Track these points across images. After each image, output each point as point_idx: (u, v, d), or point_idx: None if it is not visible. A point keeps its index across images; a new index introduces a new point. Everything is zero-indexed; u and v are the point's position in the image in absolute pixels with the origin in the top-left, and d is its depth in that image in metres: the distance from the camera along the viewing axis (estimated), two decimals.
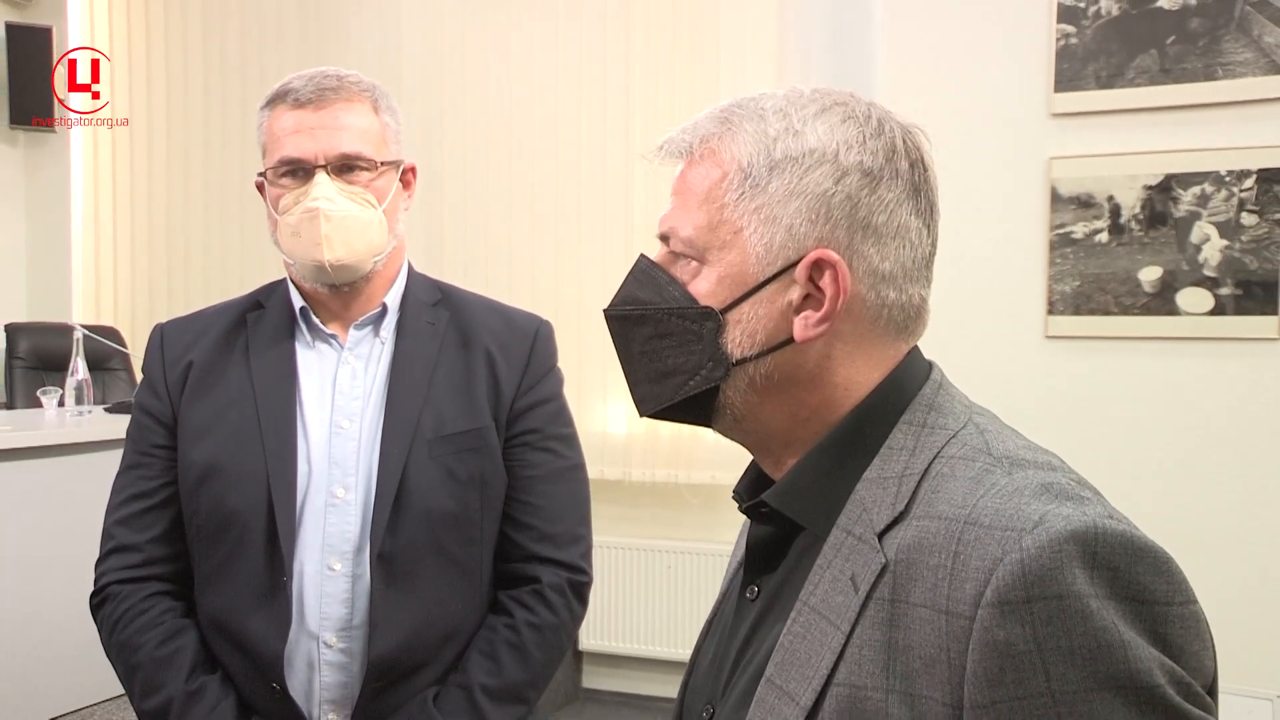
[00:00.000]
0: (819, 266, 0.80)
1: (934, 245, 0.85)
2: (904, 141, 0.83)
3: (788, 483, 0.85)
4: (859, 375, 0.83)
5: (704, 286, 0.84)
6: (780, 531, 0.86)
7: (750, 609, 0.88)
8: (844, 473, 0.82)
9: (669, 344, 0.85)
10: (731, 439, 0.90)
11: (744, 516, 0.95)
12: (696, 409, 0.87)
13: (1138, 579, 0.68)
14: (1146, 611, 0.68)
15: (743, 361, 0.83)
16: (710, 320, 0.83)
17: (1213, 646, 0.72)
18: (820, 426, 0.84)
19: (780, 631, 0.80)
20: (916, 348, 0.87)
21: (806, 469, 0.84)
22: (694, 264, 0.84)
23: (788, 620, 0.80)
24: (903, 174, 0.82)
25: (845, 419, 0.83)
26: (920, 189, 0.84)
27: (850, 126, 0.82)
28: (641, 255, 0.90)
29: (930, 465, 0.79)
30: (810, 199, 0.80)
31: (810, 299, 0.81)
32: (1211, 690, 0.71)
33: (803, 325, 0.81)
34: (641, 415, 0.91)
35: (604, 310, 0.92)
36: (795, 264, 0.81)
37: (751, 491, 0.91)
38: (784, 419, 0.85)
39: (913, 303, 0.84)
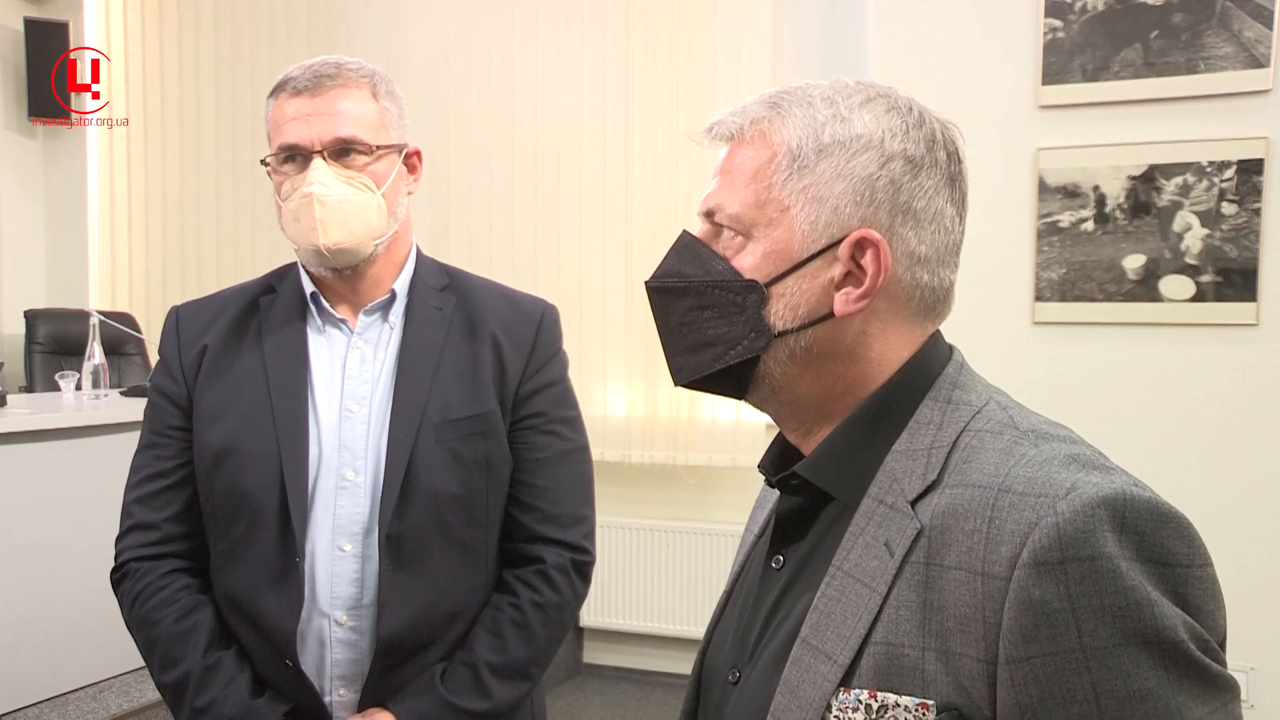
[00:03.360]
0: (861, 246, 0.84)
1: (963, 233, 0.89)
2: (942, 134, 0.88)
3: (820, 455, 0.88)
4: (890, 352, 0.87)
5: (748, 261, 0.87)
6: (808, 503, 0.89)
7: (777, 577, 0.90)
8: (874, 445, 0.86)
9: (711, 315, 0.88)
10: (764, 410, 0.93)
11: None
12: (733, 379, 0.89)
13: (1162, 543, 0.72)
14: (1169, 573, 0.72)
15: (784, 333, 0.86)
16: (754, 293, 0.86)
17: (1224, 606, 0.76)
18: (852, 400, 0.88)
19: (812, 596, 0.83)
20: (938, 330, 0.91)
21: (838, 441, 0.87)
22: (739, 239, 0.88)
23: (821, 585, 0.83)
24: (941, 164, 0.87)
25: (876, 394, 0.87)
26: (955, 179, 0.88)
27: (894, 116, 0.86)
28: (684, 231, 0.93)
29: (958, 438, 0.82)
30: (856, 181, 0.84)
31: (850, 276, 0.85)
32: (1222, 645, 0.75)
33: (843, 301, 0.85)
34: (677, 384, 0.93)
35: (645, 282, 0.95)
36: (838, 242, 0.84)
37: (777, 465, 0.95)
38: (819, 391, 0.88)
39: (943, 286, 0.88)
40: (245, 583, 1.47)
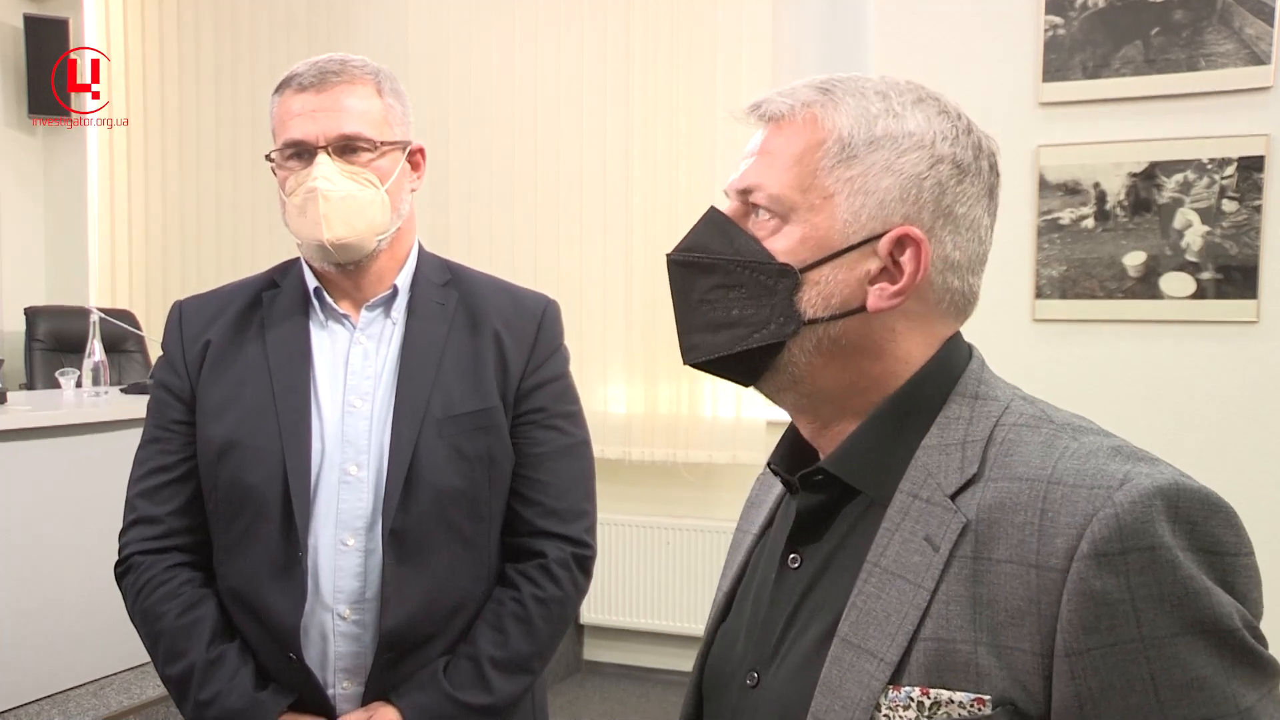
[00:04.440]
0: (901, 243, 0.84)
1: (990, 245, 0.89)
2: (986, 145, 0.88)
3: (846, 450, 0.87)
4: (916, 351, 0.87)
5: (783, 244, 0.85)
6: (829, 500, 0.88)
7: (795, 576, 0.89)
8: (902, 440, 0.85)
9: (737, 295, 0.87)
10: (778, 401, 0.92)
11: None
12: (749, 364, 0.88)
13: (1212, 532, 0.74)
14: (1219, 562, 0.73)
15: (813, 322, 0.85)
16: (788, 277, 0.85)
17: (1263, 593, 0.77)
18: (876, 396, 0.87)
19: (842, 594, 0.83)
20: (959, 332, 0.90)
21: (865, 436, 0.86)
22: (774, 221, 0.86)
23: (857, 582, 0.82)
24: (984, 173, 0.87)
25: (902, 389, 0.86)
26: (993, 191, 0.88)
27: (944, 120, 0.86)
28: (712, 207, 0.91)
29: (992, 432, 0.82)
30: (904, 178, 0.84)
31: (885, 272, 0.84)
32: None
33: (877, 295, 0.84)
34: (687, 363, 0.91)
35: (668, 255, 0.92)
36: (878, 236, 0.84)
37: (789, 463, 0.93)
38: (842, 385, 0.87)
39: (972, 292, 0.89)
40: (248, 576, 1.47)
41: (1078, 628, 0.72)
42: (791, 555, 0.90)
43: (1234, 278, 2.82)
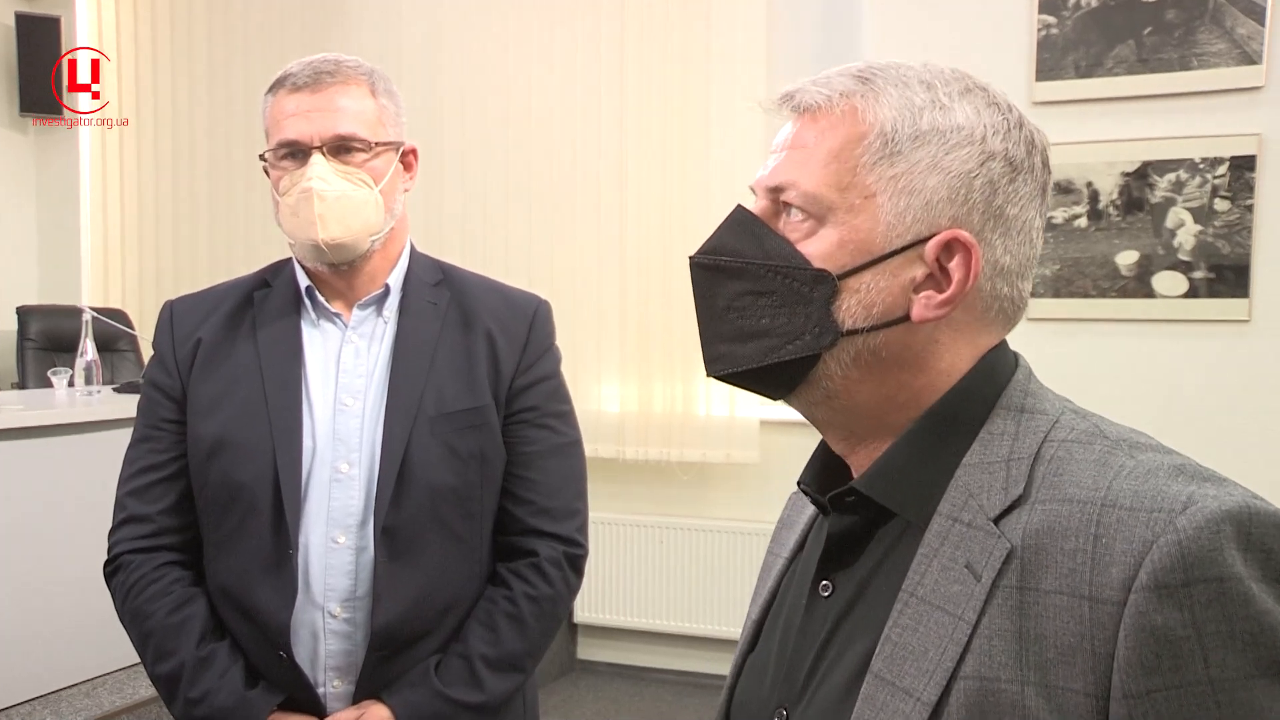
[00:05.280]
0: (949, 248, 0.77)
1: (1041, 247, 0.83)
2: (1039, 139, 0.81)
3: (880, 468, 0.80)
4: (960, 363, 0.80)
5: (819, 248, 0.78)
6: (862, 522, 0.81)
7: (827, 605, 0.82)
8: (941, 458, 0.78)
9: (767, 303, 0.80)
10: (810, 416, 0.85)
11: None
12: (781, 377, 0.81)
13: None
14: None
15: (852, 333, 0.78)
16: (825, 284, 0.78)
17: None
18: (915, 411, 0.80)
19: (877, 626, 0.76)
20: (1004, 340, 0.83)
21: (900, 454, 0.79)
22: (809, 223, 0.79)
23: (892, 613, 0.75)
24: (1037, 171, 0.80)
25: (940, 403, 0.79)
26: (1046, 191, 0.82)
27: (995, 113, 0.79)
28: (739, 206, 0.84)
29: (1040, 449, 0.75)
30: (953, 177, 0.77)
31: (931, 279, 0.77)
32: None
33: (923, 305, 0.77)
34: (711, 375, 0.84)
35: (691, 257, 0.84)
36: (925, 240, 0.77)
37: (820, 482, 0.86)
38: (880, 400, 0.80)
39: (1021, 299, 0.81)
40: (239, 575, 1.47)
41: (1137, 667, 0.65)
42: (823, 582, 0.83)
43: (1226, 277, 2.83)
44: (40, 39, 4.77)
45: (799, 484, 0.89)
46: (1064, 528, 0.70)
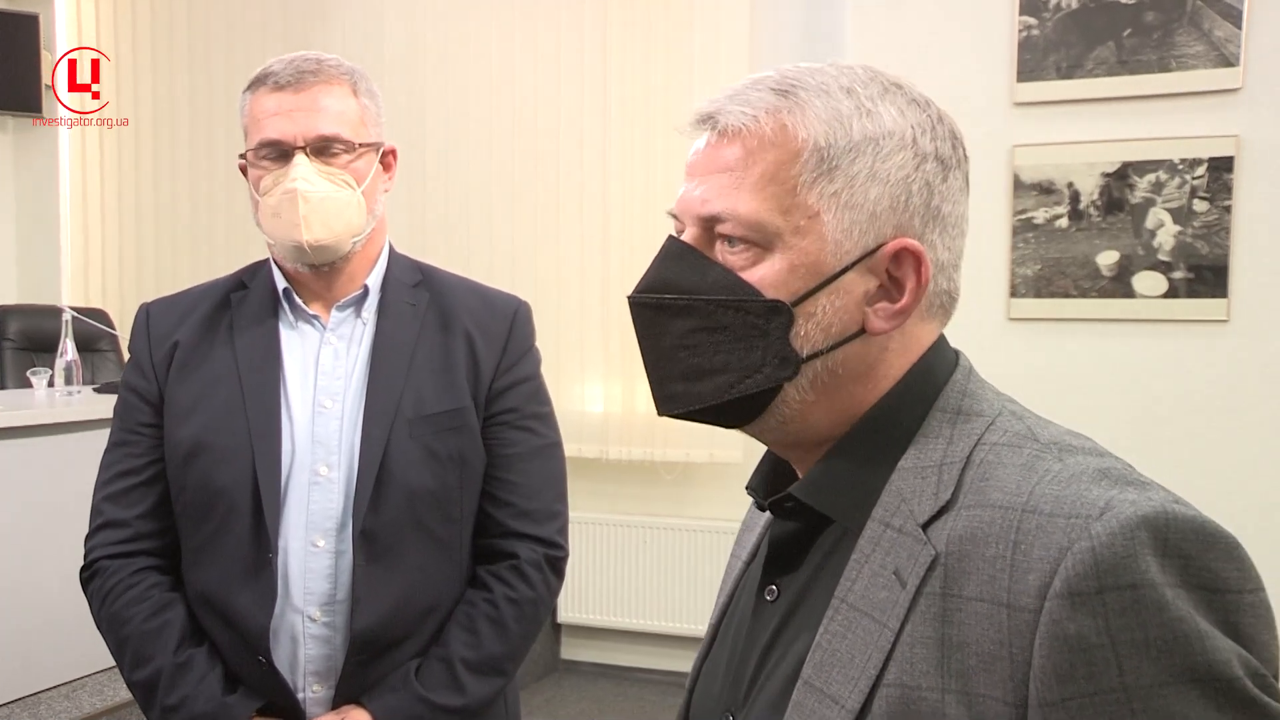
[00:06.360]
0: (898, 257, 0.76)
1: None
2: (957, 130, 0.80)
3: (817, 474, 0.79)
4: (902, 363, 0.79)
5: (768, 276, 0.76)
6: (804, 527, 0.80)
7: (771, 610, 0.82)
8: (877, 462, 0.77)
9: (721, 339, 0.77)
10: (760, 438, 0.83)
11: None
12: (740, 410, 0.79)
13: (1209, 566, 0.65)
14: (1218, 600, 0.64)
15: (812, 357, 0.76)
16: (780, 314, 0.75)
17: (1277, 634, 0.67)
18: (858, 417, 0.79)
19: (813, 632, 0.75)
20: (943, 335, 0.82)
21: (837, 459, 0.79)
22: (751, 250, 0.76)
23: (824, 619, 0.75)
24: (962, 163, 0.80)
25: (877, 407, 0.78)
26: (968, 179, 0.81)
27: (917, 111, 0.78)
28: (672, 237, 0.81)
29: (972, 453, 0.74)
30: (892, 185, 0.75)
31: (882, 289, 0.77)
32: (1277, 677, 0.67)
33: (878, 317, 0.77)
34: (664, 414, 0.82)
35: (630, 297, 0.81)
36: (873, 252, 0.76)
37: (767, 486, 0.86)
38: (832, 416, 0.79)
39: (956, 289, 0.81)
40: (217, 579, 1.46)
41: (1052, 675, 0.64)
42: (770, 586, 0.82)
43: (1205, 277, 2.85)
44: (18, 36, 4.72)
45: (747, 489, 0.88)
46: (986, 534, 0.69)
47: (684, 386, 0.79)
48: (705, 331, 0.77)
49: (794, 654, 0.77)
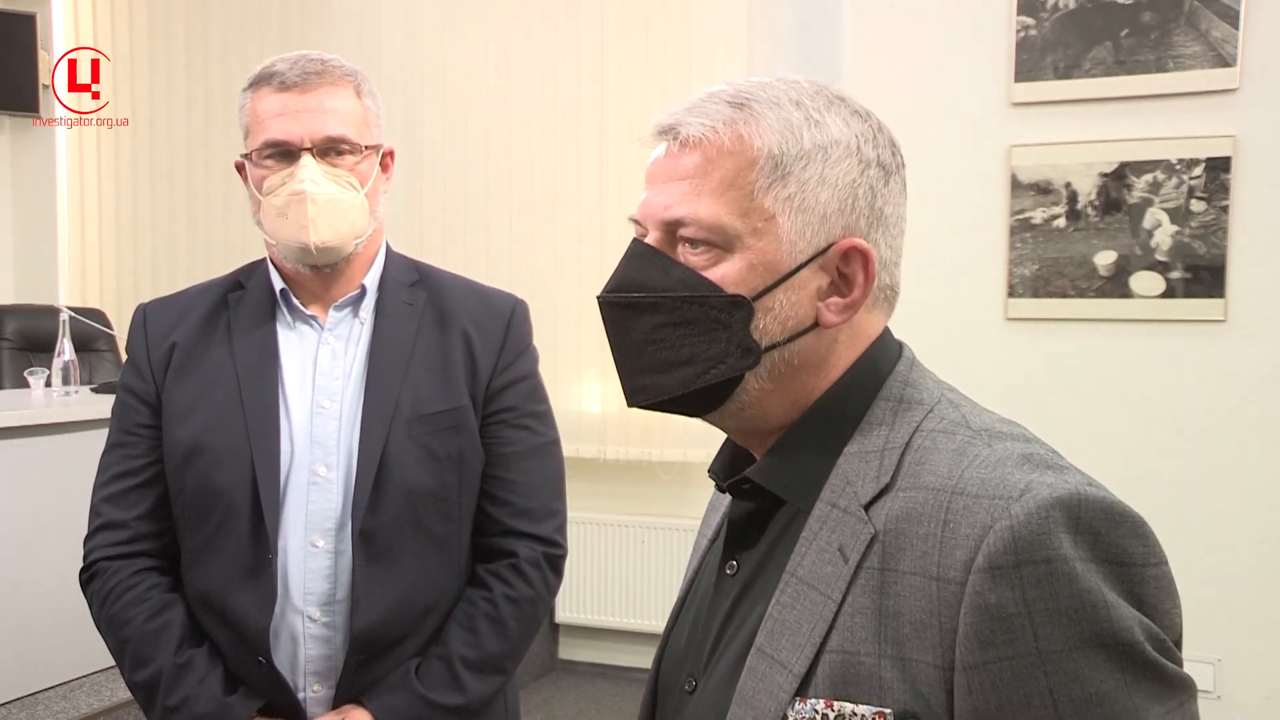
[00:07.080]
0: (847, 255, 0.83)
1: None
2: (894, 138, 0.87)
3: (771, 460, 0.86)
4: (849, 354, 0.86)
5: (729, 274, 0.83)
6: (761, 507, 0.87)
7: (731, 584, 0.88)
8: (826, 447, 0.84)
9: (686, 332, 0.84)
10: (721, 426, 0.90)
11: (710, 494, 0.98)
12: (704, 399, 0.86)
13: (1117, 542, 0.72)
14: (1125, 573, 0.71)
15: (770, 348, 0.83)
16: (742, 308, 0.82)
17: (1179, 604, 0.75)
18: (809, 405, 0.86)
19: (767, 603, 0.82)
20: (888, 328, 0.89)
21: (789, 445, 0.85)
22: (712, 251, 0.83)
23: (775, 591, 0.81)
24: (900, 169, 0.87)
25: (825, 396, 0.85)
26: (905, 183, 0.88)
27: (858, 121, 0.85)
28: (636, 240, 0.88)
29: (911, 439, 0.81)
30: (840, 189, 0.82)
31: (833, 285, 0.84)
32: (1178, 643, 0.75)
33: (830, 311, 0.83)
34: (634, 405, 0.89)
35: (600, 297, 0.88)
36: (824, 251, 0.82)
37: (728, 469, 0.93)
38: (787, 405, 0.86)
39: (898, 283, 0.88)
40: (217, 580, 1.46)
41: (974, 641, 0.71)
42: (730, 562, 0.89)
43: (1202, 277, 2.85)
44: (15, 36, 4.71)
45: (709, 472, 0.95)
46: (919, 513, 0.76)
47: (652, 379, 0.86)
48: (671, 326, 0.84)
49: (750, 623, 0.84)
